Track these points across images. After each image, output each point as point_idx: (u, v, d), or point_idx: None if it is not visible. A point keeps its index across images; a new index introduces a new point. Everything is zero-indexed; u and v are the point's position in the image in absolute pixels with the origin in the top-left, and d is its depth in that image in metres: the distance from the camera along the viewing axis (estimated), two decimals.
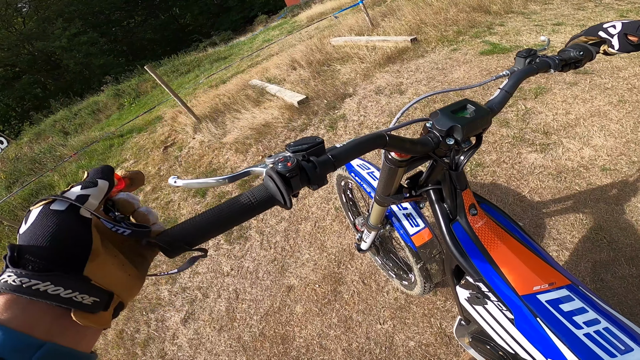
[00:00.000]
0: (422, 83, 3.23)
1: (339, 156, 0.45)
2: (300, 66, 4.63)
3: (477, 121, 0.59)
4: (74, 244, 0.28)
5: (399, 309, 1.52)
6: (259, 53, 8.04)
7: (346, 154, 0.46)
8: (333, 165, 0.44)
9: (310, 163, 0.42)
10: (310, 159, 0.42)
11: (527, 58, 0.74)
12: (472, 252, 0.72)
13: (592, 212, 1.62)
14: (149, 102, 9.18)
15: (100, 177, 0.33)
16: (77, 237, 0.28)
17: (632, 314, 1.26)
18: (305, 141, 0.44)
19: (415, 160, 0.66)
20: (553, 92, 2.52)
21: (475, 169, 2.05)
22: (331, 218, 2.12)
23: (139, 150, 4.93)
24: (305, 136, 0.47)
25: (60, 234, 0.28)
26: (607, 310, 0.62)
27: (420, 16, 5.00)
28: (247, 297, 1.89)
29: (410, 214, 1.21)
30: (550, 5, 4.69)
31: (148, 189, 3.62)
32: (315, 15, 12.11)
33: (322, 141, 0.45)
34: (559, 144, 2.04)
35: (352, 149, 0.47)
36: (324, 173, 0.42)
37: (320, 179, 0.42)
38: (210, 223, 0.37)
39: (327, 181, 0.43)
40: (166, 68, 12.75)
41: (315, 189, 0.43)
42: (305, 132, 3.17)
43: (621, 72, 2.57)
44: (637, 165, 1.77)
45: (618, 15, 3.97)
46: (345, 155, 0.46)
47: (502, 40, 3.67)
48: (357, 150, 0.47)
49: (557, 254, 1.52)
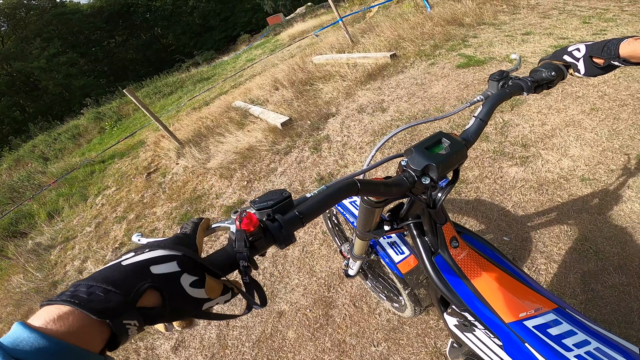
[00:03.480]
0: (403, 100, 3.28)
1: (307, 212, 0.43)
2: (283, 86, 4.67)
3: (452, 157, 0.59)
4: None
5: (393, 330, 1.50)
6: (242, 73, 8.11)
7: (316, 208, 0.44)
8: (301, 222, 0.42)
9: (275, 222, 0.40)
10: (275, 217, 0.40)
11: (499, 81, 0.74)
12: (456, 283, 0.72)
13: (575, 223, 1.64)
14: (131, 125, 9.07)
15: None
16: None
17: (627, 322, 1.27)
18: (271, 197, 0.43)
19: (393, 199, 0.64)
20: (528, 103, 2.60)
21: (459, 186, 2.07)
22: (319, 242, 2.10)
23: (121, 177, 4.84)
24: (272, 190, 0.44)
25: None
26: (597, 330, 0.63)
27: (398, 31, 5.14)
28: (238, 323, 1.85)
29: (394, 242, 1.20)
30: (518, 15, 4.91)
31: (131, 216, 3.53)
32: (297, 34, 12.36)
33: (289, 195, 0.43)
34: (537, 156, 2.09)
35: (322, 202, 0.45)
36: (291, 232, 0.40)
37: (287, 239, 0.40)
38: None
39: (295, 239, 0.41)
40: (148, 89, 12.72)
41: (283, 249, 0.41)
42: (290, 155, 3.16)
43: (590, 80, 2.67)
44: (616, 173, 1.81)
45: (581, 22, 4.17)
46: (314, 209, 0.44)
47: (477, 53, 3.80)
48: (327, 202, 0.46)
49: (545, 266, 1.52)
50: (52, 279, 3.16)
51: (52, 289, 3.00)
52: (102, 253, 3.17)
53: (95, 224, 3.83)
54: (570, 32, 3.71)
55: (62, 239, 3.89)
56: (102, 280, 0.31)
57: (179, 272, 0.35)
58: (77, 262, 3.24)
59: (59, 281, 3.08)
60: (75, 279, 2.99)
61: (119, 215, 3.73)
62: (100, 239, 3.44)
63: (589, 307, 1.35)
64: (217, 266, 0.38)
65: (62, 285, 3.01)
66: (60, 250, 3.67)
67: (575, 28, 3.87)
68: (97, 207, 4.29)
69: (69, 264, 3.31)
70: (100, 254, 3.16)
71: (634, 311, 1.29)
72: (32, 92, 23.28)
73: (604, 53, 0.62)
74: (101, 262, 3.01)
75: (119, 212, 3.80)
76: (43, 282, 3.16)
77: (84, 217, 4.19)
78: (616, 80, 2.58)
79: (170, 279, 0.34)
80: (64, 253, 3.56)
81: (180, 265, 0.35)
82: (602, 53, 0.63)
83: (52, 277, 3.20)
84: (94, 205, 4.39)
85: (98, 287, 0.30)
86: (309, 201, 0.45)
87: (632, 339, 1.22)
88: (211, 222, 0.46)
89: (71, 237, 3.83)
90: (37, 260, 3.60)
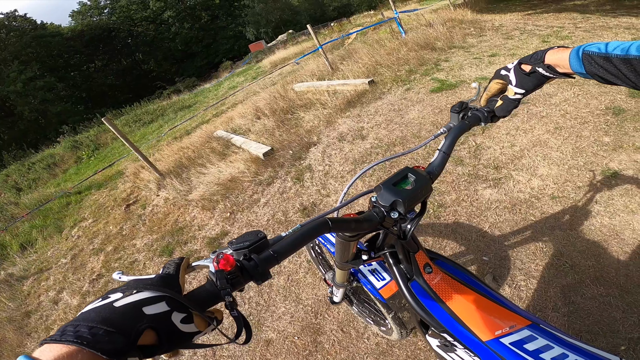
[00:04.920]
0: (382, 126, 3.39)
1: (281, 251, 0.46)
2: (265, 115, 4.73)
3: (418, 192, 0.63)
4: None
5: (382, 354, 1.50)
6: (224, 101, 8.18)
7: (290, 247, 0.47)
8: (276, 260, 0.45)
9: (252, 261, 0.43)
10: (252, 257, 0.43)
11: (460, 113, 0.79)
12: (432, 306, 0.75)
13: (550, 240, 1.71)
14: (109, 155, 8.89)
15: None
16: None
17: (612, 331, 1.29)
18: (248, 238, 0.46)
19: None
20: (497, 125, 2.74)
21: (438, 210, 2.12)
22: (304, 271, 2.09)
23: (98, 209, 4.73)
24: (249, 231, 0.48)
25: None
26: (573, 343, 0.64)
27: (375, 58, 5.38)
28: (225, 353, 1.81)
29: (375, 270, 1.22)
30: (484, 38, 5.27)
31: (110, 248, 3.45)
32: (278, 61, 12.70)
33: (264, 236, 0.46)
34: (509, 177, 2.18)
35: (296, 241, 0.48)
36: (267, 269, 0.43)
37: (263, 276, 0.43)
38: None
39: (270, 276, 0.44)
40: (128, 117, 12.54)
41: (260, 284, 0.44)
42: (272, 185, 3.16)
43: (552, 99, 2.86)
44: (583, 190, 1.91)
45: (540, 41, 4.51)
46: (288, 248, 0.47)
47: (449, 77, 4.02)
48: (300, 241, 0.48)
49: (524, 282, 1.57)
50: (25, 309, 3.12)
51: (25, 318, 2.99)
52: (79, 284, 3.10)
53: (71, 256, 3.74)
54: (531, 51, 4.03)
55: (35, 270, 3.82)
56: (101, 322, 0.33)
57: (170, 311, 0.38)
58: (52, 292, 3.19)
59: (33, 311, 3.04)
60: (50, 310, 2.95)
61: (96, 247, 3.65)
62: (77, 271, 3.37)
63: (573, 320, 1.37)
64: (198, 303, 0.41)
65: (35, 315, 2.96)
66: (34, 281, 3.60)
67: (535, 47, 4.18)
68: (73, 239, 4.19)
69: (43, 294, 3.26)
70: (77, 285, 3.10)
71: (617, 320, 1.32)
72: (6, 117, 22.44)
73: (532, 60, 0.65)
74: (78, 293, 2.95)
75: (96, 244, 3.72)
76: (16, 311, 3.13)
77: (59, 249, 4.09)
78: (576, 98, 2.78)
79: (163, 318, 0.37)
80: (37, 284, 3.50)
81: (170, 305, 0.38)
82: (530, 60, 0.66)
83: (25, 307, 3.16)
84: (69, 237, 4.28)
85: (99, 329, 0.32)
86: (283, 240, 0.48)
87: (620, 347, 1.25)
88: (191, 260, 0.49)
89: (45, 269, 3.75)
90: (10, 291, 3.57)
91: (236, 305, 0.43)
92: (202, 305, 0.42)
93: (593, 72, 0.55)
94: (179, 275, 0.44)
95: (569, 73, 0.61)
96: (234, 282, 0.42)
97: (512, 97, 0.71)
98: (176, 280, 0.42)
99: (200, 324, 0.41)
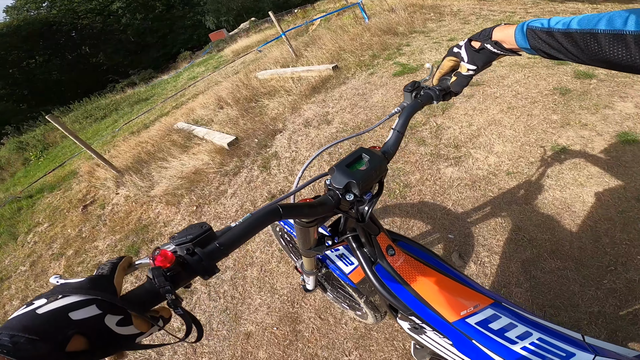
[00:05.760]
0: (347, 111, 3.39)
1: (228, 243, 0.43)
2: (228, 104, 4.55)
3: (372, 172, 0.61)
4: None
5: (361, 338, 1.51)
6: (184, 92, 7.79)
7: (237, 238, 0.44)
8: (222, 252, 0.42)
9: (195, 256, 0.40)
10: (195, 251, 0.41)
11: (412, 92, 0.79)
12: (398, 290, 0.74)
13: (508, 215, 1.78)
14: (60, 154, 8.22)
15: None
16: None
17: (573, 305, 1.35)
18: (191, 231, 0.42)
19: (325, 217, 0.65)
20: (456, 106, 2.83)
21: (404, 190, 2.16)
22: (276, 260, 2.06)
23: (53, 212, 4.38)
24: (192, 224, 0.45)
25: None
26: (535, 321, 0.66)
27: (339, 43, 5.34)
28: (206, 350, 1.76)
29: (343, 254, 1.20)
30: (443, 22, 5.40)
31: (70, 252, 3.22)
32: (241, 49, 12.24)
33: (209, 228, 0.43)
34: (468, 155, 2.26)
35: (244, 232, 0.45)
36: (212, 263, 0.41)
37: (209, 270, 0.41)
38: None
39: (218, 270, 0.42)
40: (77, 114, 11.69)
41: (207, 279, 0.43)
42: (239, 175, 3.07)
43: (505, 80, 3.00)
44: (535, 165, 2.02)
45: (493, 25, 4.66)
46: (236, 239, 0.44)
47: (410, 60, 4.08)
48: (250, 231, 0.45)
49: (488, 259, 1.62)
50: None
51: None
52: (43, 291, 2.85)
53: (30, 263, 3.48)
54: None
55: None
56: (22, 330, 0.31)
57: (101, 314, 0.35)
58: (16, 301, 2.98)
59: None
60: None
61: (56, 252, 3.41)
62: (38, 277, 3.16)
63: (536, 294, 1.42)
64: (137, 303, 0.39)
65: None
66: None
67: None
68: (30, 245, 3.88)
69: (7, 303, 3.05)
70: (40, 292, 2.84)
71: (575, 294, 1.37)
72: None
73: (481, 36, 0.67)
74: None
75: (55, 249, 3.47)
76: None
77: (15, 257, 3.79)
78: (526, 79, 2.92)
79: (93, 322, 0.35)
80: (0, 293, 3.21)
81: (101, 308, 0.36)
82: (479, 37, 0.67)
83: None
84: (25, 244, 3.97)
85: (21, 337, 0.30)
86: (231, 232, 0.44)
87: (582, 321, 1.29)
88: (134, 259, 0.46)
89: (5, 278, 3.47)
90: None
91: (180, 303, 0.40)
92: (142, 305, 0.39)
93: (537, 47, 0.55)
94: (114, 275, 0.41)
95: (515, 49, 0.62)
96: (175, 279, 0.39)
97: (465, 73, 0.72)
98: (109, 281, 0.40)
99: (141, 325, 0.39)
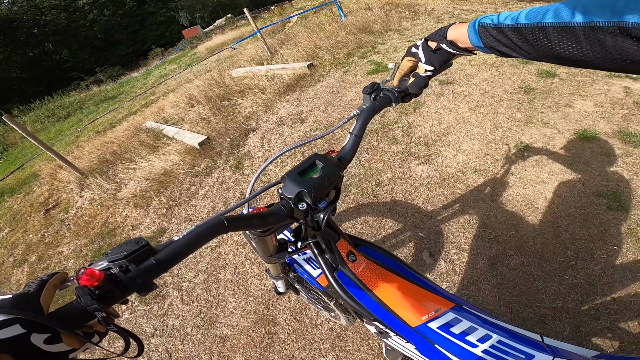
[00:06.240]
0: (321, 109, 3.37)
1: (166, 259, 0.40)
2: (199, 103, 4.41)
3: (325, 180, 0.58)
4: None
5: (337, 338, 1.51)
6: (154, 90, 7.49)
7: (177, 254, 0.41)
8: (159, 269, 0.40)
9: (129, 273, 0.39)
10: (129, 267, 0.39)
11: (371, 94, 0.76)
12: (360, 296, 0.74)
13: (475, 212, 1.83)
14: (21, 156, 7.70)
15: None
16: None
17: (537, 301, 1.38)
18: (125, 248, 0.40)
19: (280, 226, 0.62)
20: (427, 104, 2.88)
21: (376, 189, 2.17)
22: (250, 262, 2.02)
23: (14, 217, 4.11)
24: (128, 239, 0.42)
25: None
26: (495, 323, 0.67)
27: (315, 41, 5.31)
28: (181, 354, 1.70)
29: (310, 258, 1.19)
30: (417, 21, 5.50)
31: (33, 259, 3.03)
32: (215, 47, 11.94)
33: (146, 244, 0.41)
34: (438, 153, 2.31)
35: (186, 246, 0.42)
36: (149, 280, 0.39)
37: (144, 287, 0.39)
38: None
39: (156, 286, 0.40)
40: (38, 113, 11.00)
41: (145, 295, 0.40)
42: (210, 176, 2.98)
43: (473, 79, 3.08)
44: (500, 162, 2.09)
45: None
46: (176, 254, 0.41)
47: (384, 59, 4.12)
48: (192, 245, 0.43)
49: (457, 256, 1.65)
50: None
51: None
52: None
53: None
54: None
55: None
56: None
57: (26, 333, 0.35)
58: None
59: None
60: None
61: (18, 258, 3.20)
62: (1, 285, 2.98)
63: (502, 291, 1.45)
64: (66, 321, 0.38)
65: None
66: None
67: None
68: None
69: None
70: None
71: (539, 290, 1.40)
72: None
73: (437, 36, 0.64)
74: None
75: (17, 256, 3.26)
76: None
77: None
78: (493, 78, 3.03)
79: (18, 342, 0.34)
80: None
81: (25, 327, 0.35)
82: (435, 36, 0.64)
83: None
84: None
85: None
86: (171, 247, 0.41)
87: (547, 317, 1.32)
88: (69, 275, 0.45)
89: None
90: None
91: (112, 320, 0.40)
92: (72, 322, 0.38)
93: (490, 45, 0.53)
94: (41, 293, 0.39)
95: (470, 48, 0.60)
96: (105, 297, 0.38)
97: (423, 74, 0.70)
98: (35, 299, 0.38)
99: (72, 342, 0.38)
